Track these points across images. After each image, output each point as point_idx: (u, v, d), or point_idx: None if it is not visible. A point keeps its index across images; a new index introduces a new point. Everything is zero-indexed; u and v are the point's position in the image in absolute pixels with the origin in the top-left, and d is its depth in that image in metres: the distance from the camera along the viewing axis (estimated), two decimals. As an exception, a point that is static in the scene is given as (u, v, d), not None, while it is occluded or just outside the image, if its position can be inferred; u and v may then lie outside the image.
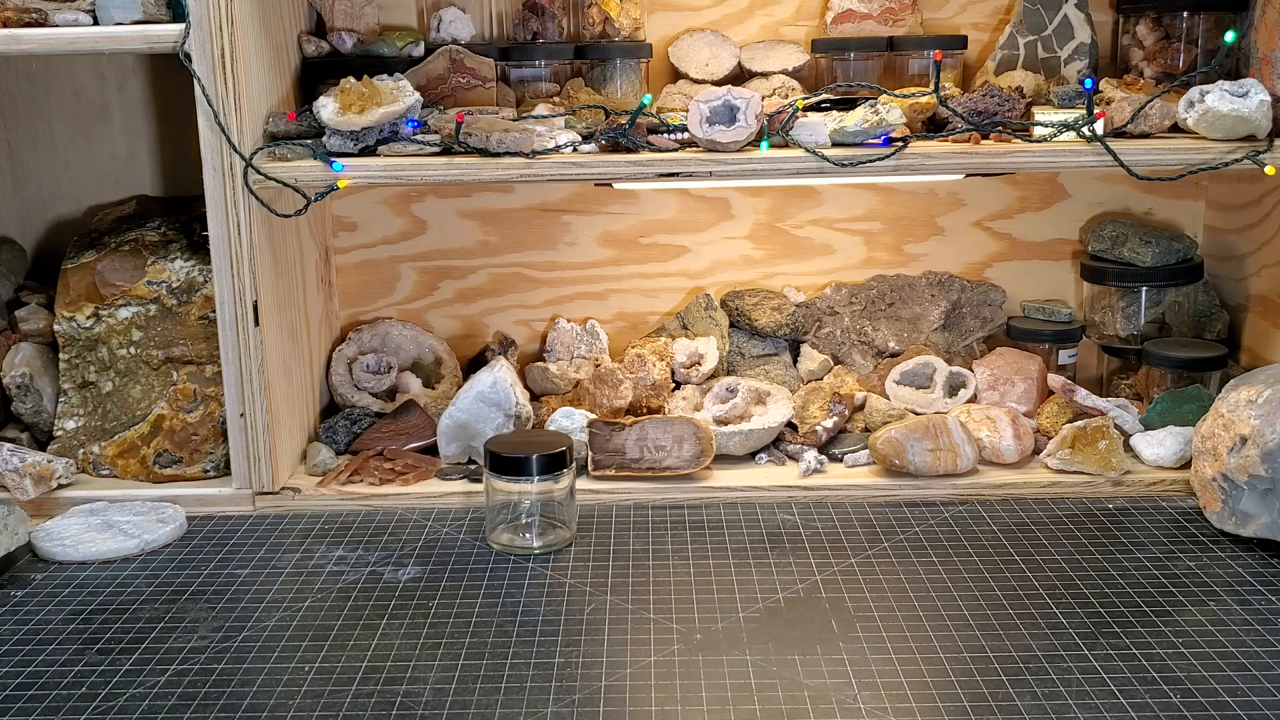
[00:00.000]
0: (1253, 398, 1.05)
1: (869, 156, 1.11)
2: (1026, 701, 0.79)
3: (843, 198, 1.42)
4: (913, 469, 1.16)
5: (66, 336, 1.21)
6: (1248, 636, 0.88)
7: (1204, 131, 1.12)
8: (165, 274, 1.20)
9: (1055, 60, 1.33)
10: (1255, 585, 0.96)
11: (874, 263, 1.44)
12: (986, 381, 1.30)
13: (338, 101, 1.12)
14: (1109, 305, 1.37)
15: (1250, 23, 1.23)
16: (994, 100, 1.18)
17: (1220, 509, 1.05)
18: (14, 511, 1.06)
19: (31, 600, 0.98)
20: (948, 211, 1.43)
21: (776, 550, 1.04)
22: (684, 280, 1.44)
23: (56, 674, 0.86)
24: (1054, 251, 1.44)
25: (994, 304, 1.41)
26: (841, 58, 1.32)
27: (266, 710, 0.80)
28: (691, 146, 1.16)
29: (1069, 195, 1.42)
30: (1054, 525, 1.09)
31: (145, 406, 1.21)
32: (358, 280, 1.43)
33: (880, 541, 1.06)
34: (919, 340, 1.38)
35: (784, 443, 1.24)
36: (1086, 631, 0.89)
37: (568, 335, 1.40)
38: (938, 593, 0.96)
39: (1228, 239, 1.38)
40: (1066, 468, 1.17)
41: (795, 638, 0.89)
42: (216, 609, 0.95)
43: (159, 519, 1.11)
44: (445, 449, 1.23)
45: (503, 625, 0.92)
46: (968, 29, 1.38)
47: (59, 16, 1.11)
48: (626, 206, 1.42)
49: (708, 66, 1.34)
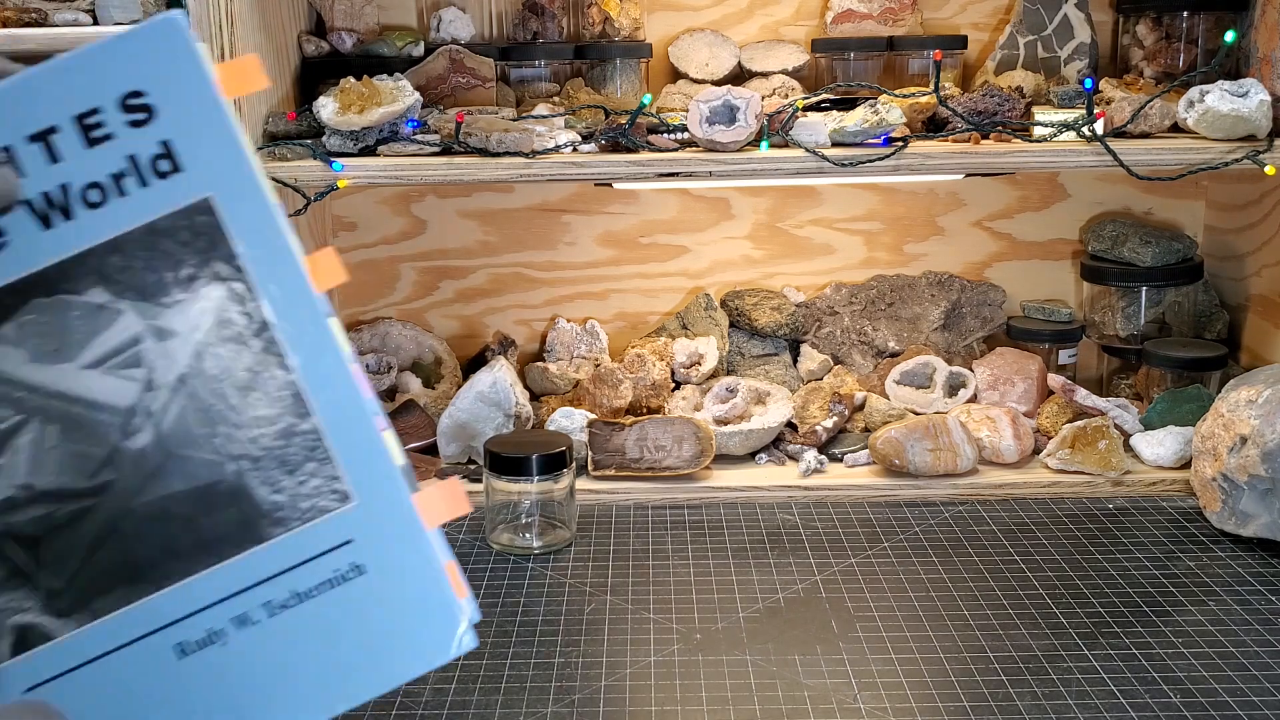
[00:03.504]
0: (1253, 398, 1.05)
1: (869, 156, 1.11)
2: (1026, 701, 0.79)
3: (843, 198, 1.42)
4: (913, 469, 1.16)
5: (66, 336, 1.21)
6: (1248, 636, 0.88)
7: (1204, 131, 1.12)
8: (165, 274, 1.20)
9: (1055, 60, 1.33)
10: (1255, 585, 0.96)
11: (874, 263, 1.44)
12: (986, 381, 1.30)
13: (337, 101, 1.12)
14: (1109, 305, 1.37)
15: (1250, 23, 1.23)
16: (994, 100, 1.18)
17: (1220, 509, 1.05)
18: (14, 511, 1.06)
19: (31, 600, 0.98)
20: (948, 211, 1.43)
21: (776, 550, 1.04)
22: (684, 280, 1.44)
23: (56, 674, 0.85)
24: (1054, 251, 1.44)
25: (994, 304, 1.41)
26: (841, 58, 1.32)
27: (266, 710, 0.80)
28: (691, 146, 1.16)
29: (1069, 195, 1.42)
30: (1054, 525, 1.09)
31: (145, 406, 1.20)
32: (357, 280, 1.43)
33: (880, 541, 1.06)
34: (919, 340, 1.38)
35: (784, 443, 1.24)
36: (1086, 631, 0.89)
37: (568, 335, 1.40)
38: (938, 593, 0.96)
39: (1228, 239, 1.38)
40: (1066, 468, 1.17)
41: (795, 638, 0.89)
42: (216, 609, 0.95)
43: (159, 519, 1.10)
44: (445, 449, 1.23)
45: (503, 625, 0.92)
46: (968, 29, 1.38)
47: (59, 16, 1.11)
48: (626, 206, 1.42)
49: (708, 66, 1.34)
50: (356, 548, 0.58)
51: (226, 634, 0.57)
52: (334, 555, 0.58)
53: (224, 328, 0.58)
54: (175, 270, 0.58)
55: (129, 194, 0.58)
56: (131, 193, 0.58)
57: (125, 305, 0.58)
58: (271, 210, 0.58)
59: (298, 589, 0.57)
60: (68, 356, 0.58)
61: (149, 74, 0.59)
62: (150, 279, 0.58)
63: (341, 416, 0.58)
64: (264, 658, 0.57)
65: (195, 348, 0.58)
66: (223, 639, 0.57)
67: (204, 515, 0.58)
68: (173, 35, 0.58)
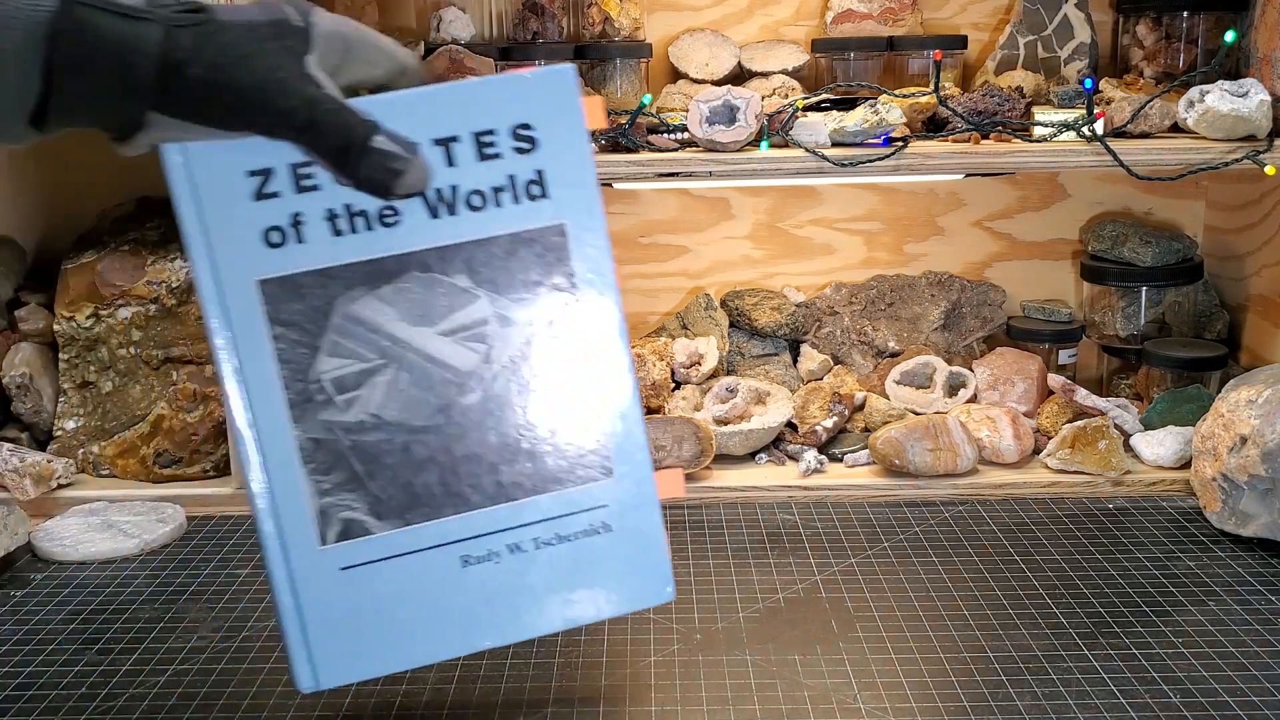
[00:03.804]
0: (1253, 397, 1.05)
1: (869, 156, 1.11)
2: (1026, 701, 0.79)
3: (843, 198, 1.42)
4: (913, 469, 1.16)
5: (66, 336, 1.21)
6: (1248, 636, 0.88)
7: (1204, 131, 1.12)
8: (165, 274, 1.20)
9: (1055, 60, 1.33)
10: (1255, 585, 0.96)
11: (874, 263, 1.44)
12: (986, 381, 1.30)
13: (338, 101, 1.12)
14: (1109, 305, 1.37)
15: (1250, 22, 1.23)
16: (994, 100, 1.18)
17: (1220, 509, 1.05)
18: (14, 511, 1.06)
19: (31, 600, 0.98)
20: (948, 211, 1.43)
21: (776, 550, 1.04)
22: (684, 280, 1.44)
23: (56, 674, 0.86)
24: (1054, 251, 1.44)
25: (994, 304, 1.42)
26: (841, 57, 1.32)
27: (266, 710, 0.80)
28: (691, 146, 1.16)
29: (1069, 195, 1.42)
30: (1054, 525, 1.09)
31: (145, 407, 1.21)
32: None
33: (880, 541, 1.06)
34: (919, 340, 1.38)
35: (784, 443, 1.24)
36: (1086, 631, 0.89)
37: (568, 335, 1.40)
38: (938, 593, 0.96)
39: (1228, 239, 1.38)
40: (1066, 468, 1.17)
41: (795, 638, 0.89)
42: (216, 609, 0.95)
43: (159, 519, 1.11)
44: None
45: (503, 625, 0.92)
46: (968, 29, 1.38)
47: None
48: (626, 206, 1.42)
49: (708, 66, 1.34)
50: (609, 511, 0.74)
51: (501, 555, 0.73)
52: (591, 514, 0.74)
53: (551, 327, 0.73)
54: (525, 274, 0.72)
55: (503, 206, 0.71)
56: (505, 205, 0.71)
57: (481, 293, 0.72)
58: (606, 243, 0.72)
59: (560, 533, 0.74)
60: (429, 322, 0.72)
61: (540, 111, 0.71)
62: (504, 277, 0.72)
63: (620, 411, 0.74)
64: (525, 578, 0.74)
65: (527, 337, 0.72)
66: (497, 558, 0.73)
67: (504, 464, 0.73)
68: (566, 84, 0.71)
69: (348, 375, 0.71)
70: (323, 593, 0.72)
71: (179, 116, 0.62)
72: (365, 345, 0.71)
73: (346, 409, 0.71)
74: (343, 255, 0.69)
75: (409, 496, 0.72)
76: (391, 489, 0.72)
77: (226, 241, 0.68)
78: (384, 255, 0.70)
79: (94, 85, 0.59)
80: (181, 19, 0.61)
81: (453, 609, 0.73)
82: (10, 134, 0.60)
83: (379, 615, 0.73)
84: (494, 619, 0.74)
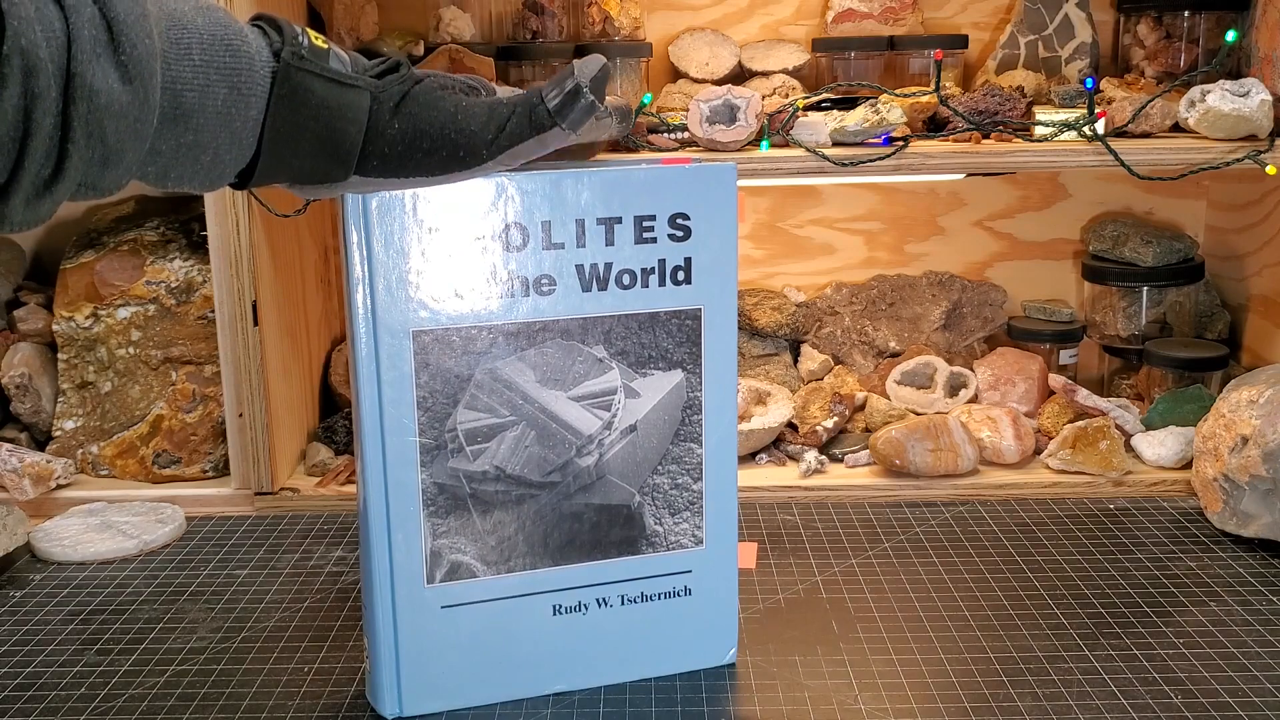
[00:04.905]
0: (1254, 398, 1.05)
1: (869, 156, 1.11)
2: (1027, 702, 0.79)
3: (843, 197, 1.42)
4: (913, 469, 1.16)
5: (65, 336, 1.21)
6: (1249, 637, 0.88)
7: (1205, 131, 1.12)
8: (164, 274, 1.20)
9: (1056, 60, 1.33)
10: (1256, 585, 0.96)
11: (874, 262, 1.44)
12: (987, 381, 1.30)
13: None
14: (1110, 305, 1.37)
15: (1251, 22, 1.22)
16: (995, 100, 1.18)
17: (1221, 509, 1.05)
18: (13, 512, 1.06)
19: (30, 600, 0.98)
20: (948, 211, 1.43)
21: (776, 550, 1.04)
22: (684, 280, 1.44)
23: (56, 674, 0.85)
24: (1055, 251, 1.44)
25: (995, 304, 1.41)
26: (842, 57, 1.32)
27: (266, 710, 0.80)
28: (691, 146, 1.16)
29: (1070, 195, 1.42)
30: (1055, 525, 1.09)
31: (144, 407, 1.20)
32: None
33: (880, 541, 1.06)
34: (919, 340, 1.38)
35: (784, 443, 1.23)
36: (1087, 631, 0.89)
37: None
38: (938, 593, 0.96)
39: (1229, 239, 1.38)
40: (1067, 468, 1.17)
41: (795, 638, 0.88)
42: (216, 609, 0.95)
43: (158, 519, 1.10)
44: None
45: (502, 625, 0.92)
46: (968, 28, 1.38)
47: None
48: (627, 206, 1.42)
49: (708, 66, 1.34)
50: (693, 577, 0.80)
51: (589, 608, 0.79)
52: (677, 578, 0.80)
53: (672, 403, 0.77)
54: (656, 350, 0.76)
55: (649, 287, 0.75)
56: (650, 286, 0.75)
57: (614, 364, 0.76)
58: (734, 329, 0.78)
59: (645, 592, 0.79)
60: (563, 386, 0.75)
61: (698, 203, 0.75)
62: (638, 352, 0.76)
63: (720, 487, 0.79)
64: (607, 630, 0.79)
65: (649, 410, 0.77)
66: (585, 610, 0.79)
67: (606, 525, 0.78)
68: (726, 181, 0.75)
69: (481, 428, 0.74)
70: (421, 628, 0.75)
71: (378, 176, 0.63)
72: (501, 402, 0.74)
73: (474, 459, 0.75)
74: (496, 316, 0.73)
75: (515, 546, 0.76)
76: (501, 538, 0.76)
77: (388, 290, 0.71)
78: (533, 319, 0.74)
79: (303, 151, 0.59)
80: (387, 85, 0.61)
81: (536, 653, 0.78)
82: (212, 188, 0.60)
83: (468, 653, 0.77)
84: (571, 666, 0.79)
